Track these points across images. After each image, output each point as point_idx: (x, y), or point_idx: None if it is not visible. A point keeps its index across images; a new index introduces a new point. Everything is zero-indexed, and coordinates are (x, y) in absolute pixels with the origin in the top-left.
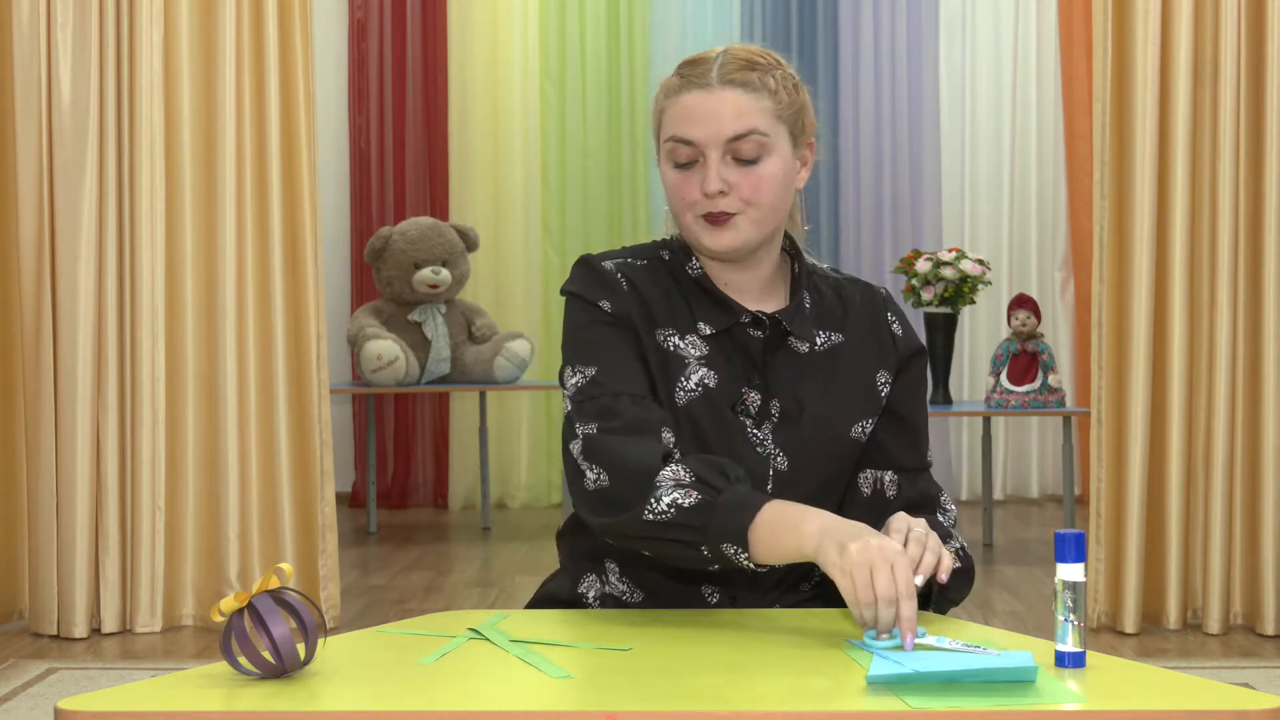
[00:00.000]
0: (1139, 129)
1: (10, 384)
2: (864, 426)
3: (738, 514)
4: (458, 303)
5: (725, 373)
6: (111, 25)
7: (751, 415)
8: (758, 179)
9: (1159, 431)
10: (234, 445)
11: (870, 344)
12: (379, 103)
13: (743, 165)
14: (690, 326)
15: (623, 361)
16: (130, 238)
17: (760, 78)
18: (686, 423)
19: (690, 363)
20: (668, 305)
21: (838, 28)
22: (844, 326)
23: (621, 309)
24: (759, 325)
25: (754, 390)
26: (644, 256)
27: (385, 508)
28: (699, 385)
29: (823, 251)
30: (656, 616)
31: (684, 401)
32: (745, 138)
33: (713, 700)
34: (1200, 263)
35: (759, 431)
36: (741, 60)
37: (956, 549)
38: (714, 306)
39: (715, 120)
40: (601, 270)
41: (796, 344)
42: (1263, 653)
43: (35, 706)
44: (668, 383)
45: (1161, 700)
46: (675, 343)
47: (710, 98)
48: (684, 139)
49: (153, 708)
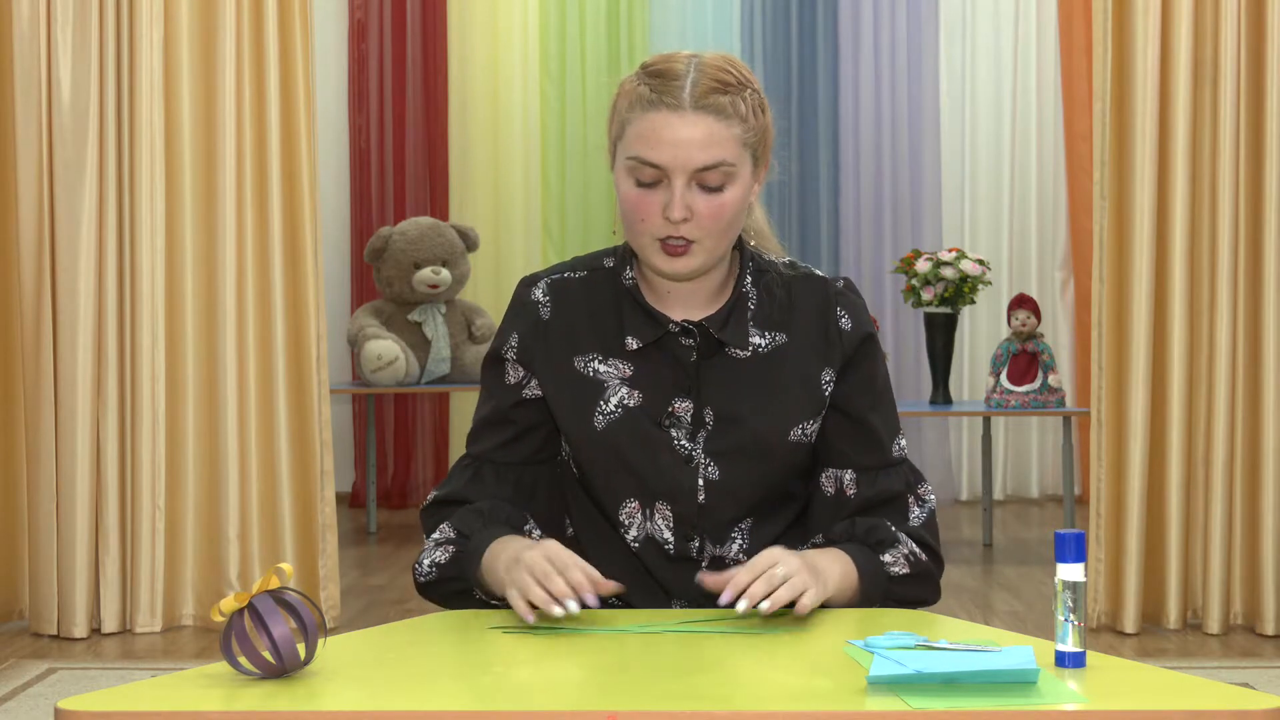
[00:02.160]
0: (1139, 129)
1: (10, 384)
2: (804, 428)
3: (471, 559)
4: (458, 303)
5: (652, 387)
6: (111, 25)
7: (684, 426)
8: (719, 206)
9: (1159, 431)
10: (234, 445)
11: (815, 342)
12: (379, 103)
13: (706, 192)
14: (617, 344)
15: (494, 415)
16: (130, 238)
17: (732, 102)
18: (606, 445)
19: (610, 385)
20: (594, 324)
21: (838, 28)
22: (788, 326)
23: (526, 347)
24: (689, 334)
25: (686, 400)
26: (585, 268)
27: (385, 508)
28: (619, 406)
29: (823, 252)
30: (656, 616)
31: (603, 426)
32: (713, 169)
33: (713, 700)
34: (1200, 263)
35: (689, 442)
36: (713, 81)
37: (903, 555)
38: (643, 318)
39: (685, 148)
40: (525, 302)
41: (734, 350)
42: (1263, 653)
43: (35, 706)
44: (585, 408)
45: (1161, 700)
46: (596, 367)
47: (681, 122)
48: (649, 161)
49: (153, 708)
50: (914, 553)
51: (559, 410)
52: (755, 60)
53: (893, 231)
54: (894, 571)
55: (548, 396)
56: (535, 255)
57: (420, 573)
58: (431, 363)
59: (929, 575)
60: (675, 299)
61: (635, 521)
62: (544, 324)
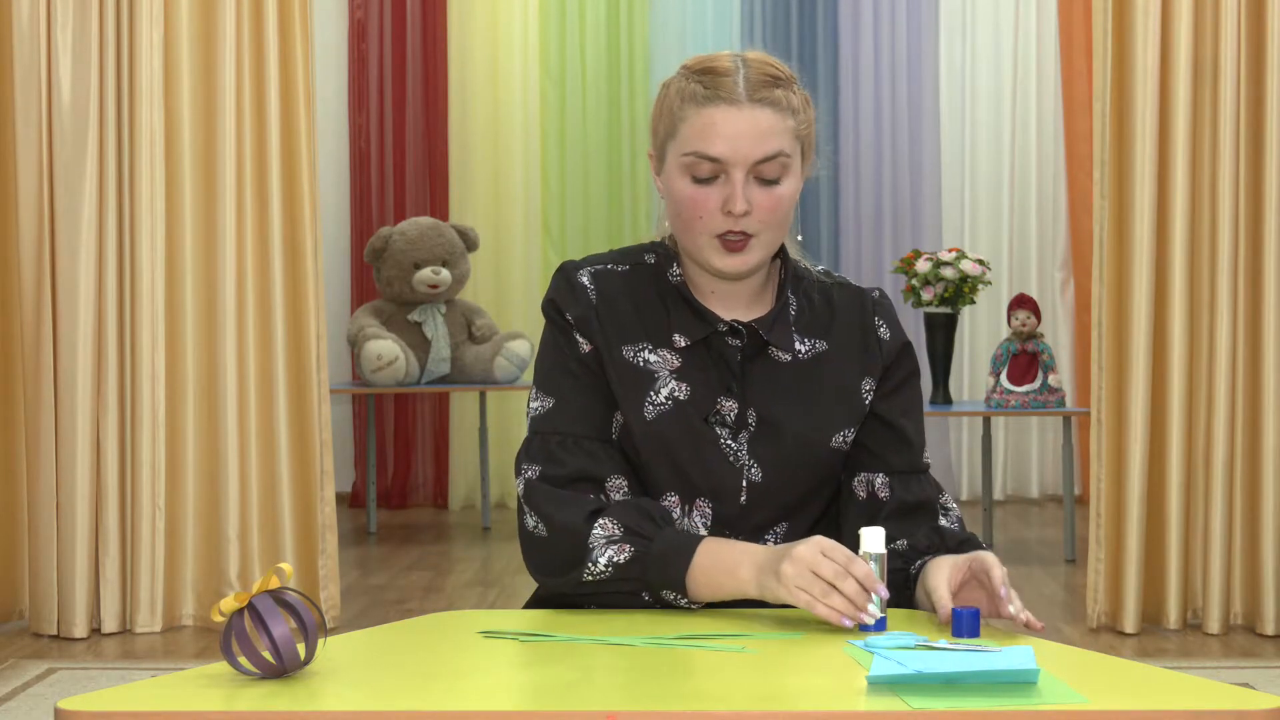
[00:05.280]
0: (1139, 129)
1: (10, 384)
2: (845, 436)
3: (672, 562)
4: (458, 303)
5: (700, 383)
6: (111, 25)
7: (728, 425)
8: (776, 199)
9: (1159, 431)
10: (234, 445)
11: (856, 350)
12: (379, 103)
13: (764, 185)
14: (665, 338)
15: (581, 399)
16: (130, 238)
17: (785, 95)
18: (655, 437)
19: (660, 376)
20: (641, 317)
21: (838, 28)
22: (829, 333)
23: (587, 329)
24: (736, 334)
25: (731, 400)
26: (627, 261)
27: (385, 508)
28: (669, 399)
29: (823, 252)
30: (656, 615)
31: (653, 416)
32: (772, 160)
33: (713, 700)
34: (1200, 263)
35: (733, 442)
36: (765, 75)
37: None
38: (691, 316)
39: (745, 140)
40: (575, 284)
41: (777, 353)
42: (1263, 653)
43: (35, 706)
44: (637, 397)
45: (1161, 700)
46: (646, 357)
47: (740, 116)
48: (709, 155)
49: (153, 708)
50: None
51: (617, 394)
52: None
53: (893, 231)
54: None
55: (609, 377)
56: (535, 255)
57: (594, 571)
58: (431, 363)
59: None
60: (718, 299)
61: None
62: (594, 308)
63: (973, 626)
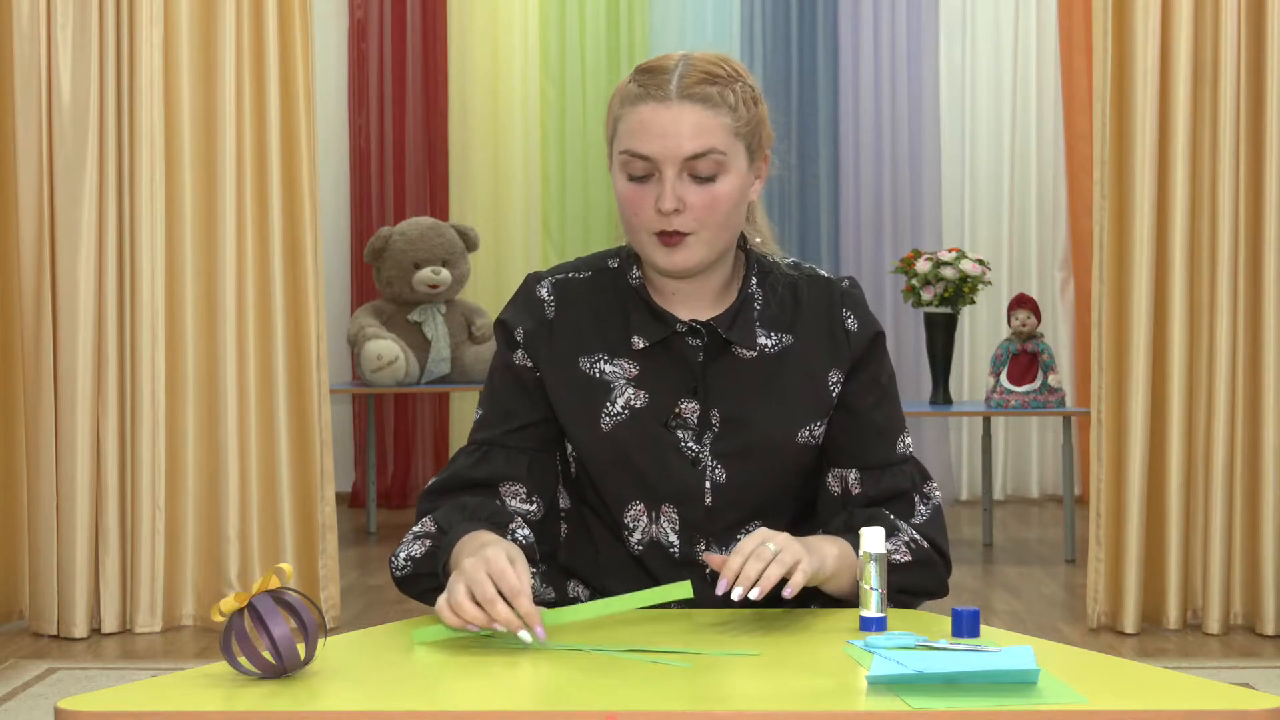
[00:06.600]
0: (1139, 129)
1: (10, 384)
2: (812, 430)
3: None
4: (458, 303)
5: (659, 388)
6: (111, 25)
7: (690, 427)
8: (713, 197)
9: (1159, 431)
10: (234, 445)
11: (823, 343)
12: (379, 103)
13: (699, 183)
14: (623, 344)
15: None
16: (130, 238)
17: (720, 92)
18: (612, 447)
19: (617, 386)
20: (600, 325)
21: (838, 28)
22: (795, 327)
23: (533, 346)
24: (696, 334)
25: (693, 401)
26: (590, 268)
27: (385, 508)
28: (625, 408)
29: (823, 252)
30: (654, 615)
31: (609, 426)
32: (703, 157)
33: (712, 700)
34: (1200, 263)
35: (695, 444)
36: (701, 73)
37: (904, 542)
38: (649, 318)
39: (673, 137)
40: (532, 298)
41: (740, 350)
42: (1263, 653)
43: (35, 706)
44: (593, 409)
45: (1161, 700)
46: (602, 368)
47: (668, 112)
48: (639, 154)
49: (153, 708)
50: (915, 540)
51: (563, 412)
52: (755, 60)
53: (893, 231)
54: (894, 559)
55: (552, 398)
56: (535, 255)
57: (396, 566)
58: (431, 363)
59: (931, 563)
60: (680, 300)
61: (640, 525)
62: (549, 323)
63: (973, 626)
